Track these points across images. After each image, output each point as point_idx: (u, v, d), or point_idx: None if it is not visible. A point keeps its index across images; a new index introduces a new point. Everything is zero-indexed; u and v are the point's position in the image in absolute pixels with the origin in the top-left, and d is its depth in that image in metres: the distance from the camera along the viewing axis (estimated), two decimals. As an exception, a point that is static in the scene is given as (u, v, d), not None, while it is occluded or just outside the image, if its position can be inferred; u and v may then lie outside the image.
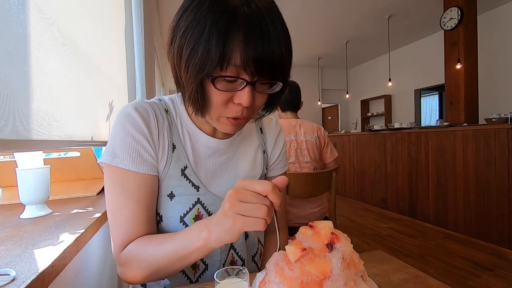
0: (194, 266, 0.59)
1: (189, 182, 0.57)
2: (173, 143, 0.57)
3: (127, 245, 0.52)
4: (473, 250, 2.51)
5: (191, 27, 0.43)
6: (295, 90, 1.86)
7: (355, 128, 7.30)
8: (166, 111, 0.59)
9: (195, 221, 0.55)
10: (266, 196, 0.40)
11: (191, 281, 0.59)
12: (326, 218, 1.94)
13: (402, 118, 6.21)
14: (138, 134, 0.52)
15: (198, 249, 0.45)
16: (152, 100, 0.60)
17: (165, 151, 0.56)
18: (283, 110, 1.91)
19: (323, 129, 1.90)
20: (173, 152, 0.57)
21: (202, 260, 0.59)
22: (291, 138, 1.82)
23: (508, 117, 2.78)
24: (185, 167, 0.57)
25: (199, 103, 0.47)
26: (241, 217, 0.39)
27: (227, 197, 0.40)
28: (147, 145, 0.53)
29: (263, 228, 0.39)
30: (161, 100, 0.61)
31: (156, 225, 0.57)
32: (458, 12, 3.64)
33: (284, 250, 0.40)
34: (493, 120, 2.90)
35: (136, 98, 1.66)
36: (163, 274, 0.50)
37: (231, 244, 0.61)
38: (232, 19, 0.41)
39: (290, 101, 1.86)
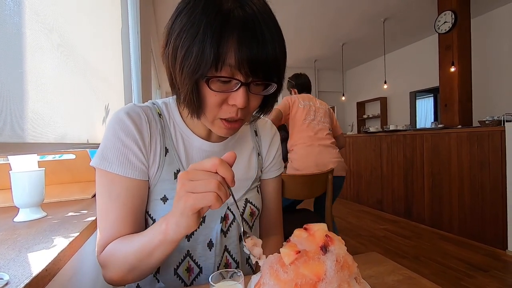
0: (189, 269, 0.58)
1: None
2: (165, 147, 0.57)
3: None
4: (467, 251, 2.53)
5: (185, 29, 0.44)
6: (307, 77, 2.34)
7: (351, 130, 7.34)
8: (159, 114, 0.59)
9: None
10: (216, 173, 0.39)
11: (186, 284, 0.59)
12: (322, 221, 1.95)
13: (397, 120, 6.25)
14: (128, 139, 0.53)
15: (161, 243, 0.45)
16: (145, 104, 0.60)
17: (157, 155, 0.56)
18: (300, 92, 2.29)
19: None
20: (165, 156, 0.57)
21: (196, 263, 0.59)
22: (310, 104, 2.15)
23: (501, 119, 2.81)
24: (178, 171, 0.57)
25: (194, 104, 0.47)
26: (191, 194, 0.39)
27: (178, 178, 0.40)
28: (137, 151, 0.53)
29: (216, 202, 0.38)
30: (154, 104, 0.61)
31: (143, 228, 0.57)
32: (452, 16, 3.68)
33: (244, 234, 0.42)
34: (486, 122, 2.94)
35: (132, 100, 1.66)
36: (138, 272, 0.49)
37: (225, 246, 0.61)
38: (226, 21, 0.42)
39: (307, 85, 2.31)
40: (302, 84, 2.30)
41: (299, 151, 2.06)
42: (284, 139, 2.20)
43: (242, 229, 0.45)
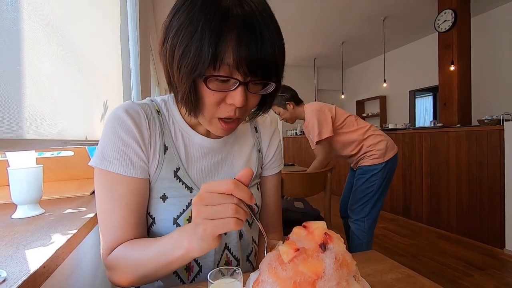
0: (188, 268, 0.58)
1: (182, 184, 0.57)
2: (165, 145, 0.57)
3: (115, 248, 0.52)
4: (465, 250, 2.54)
5: (183, 27, 0.43)
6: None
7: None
8: (158, 112, 0.59)
9: (189, 223, 0.55)
10: (232, 195, 0.38)
11: (184, 283, 0.58)
12: (321, 218, 1.96)
13: (396, 119, 6.26)
14: (128, 138, 0.52)
15: (180, 258, 0.45)
16: (143, 101, 0.59)
17: (156, 153, 0.56)
18: (298, 104, 2.05)
19: None
20: (165, 153, 0.56)
21: (196, 261, 0.59)
22: (330, 106, 1.99)
23: (500, 119, 2.82)
24: (178, 169, 0.57)
25: (192, 103, 0.47)
26: (210, 221, 0.38)
27: (193, 204, 0.40)
28: (137, 149, 0.53)
29: (236, 227, 0.38)
30: (153, 101, 0.60)
31: (146, 228, 0.57)
32: (452, 15, 3.68)
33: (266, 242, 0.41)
34: (485, 121, 2.94)
35: (131, 97, 1.65)
36: (151, 279, 0.50)
37: (226, 244, 0.61)
38: (225, 19, 0.41)
39: (297, 96, 2.06)
40: (296, 95, 2.07)
41: (378, 132, 1.98)
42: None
43: (266, 244, 0.44)
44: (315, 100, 7.24)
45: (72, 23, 0.84)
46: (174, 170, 0.57)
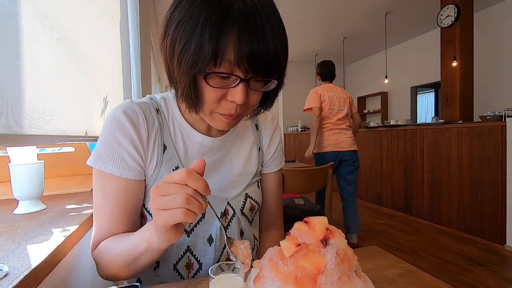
0: (188, 265, 0.58)
1: None
2: (163, 144, 0.57)
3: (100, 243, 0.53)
4: (466, 246, 2.55)
5: (184, 21, 0.42)
6: (332, 64, 2.70)
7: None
8: (157, 110, 0.58)
9: None
10: (186, 185, 0.37)
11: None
12: (321, 214, 1.96)
13: (398, 115, 6.23)
14: (124, 139, 0.52)
15: (146, 251, 0.44)
16: (142, 100, 0.59)
17: (155, 152, 0.55)
18: (323, 80, 2.69)
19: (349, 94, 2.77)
20: (163, 153, 0.56)
21: (196, 258, 0.58)
22: (332, 94, 2.59)
23: (502, 115, 2.80)
24: (177, 168, 0.57)
25: (192, 99, 0.46)
26: (161, 211, 0.37)
27: (150, 194, 0.39)
28: (133, 151, 0.53)
29: (187, 218, 0.36)
30: (152, 99, 0.60)
31: (138, 226, 0.57)
32: (454, 10, 3.64)
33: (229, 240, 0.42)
34: (487, 117, 2.92)
35: (131, 93, 1.65)
36: (130, 272, 0.50)
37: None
38: (226, 14, 0.40)
39: (329, 74, 2.68)
40: (324, 74, 2.67)
41: (324, 134, 2.61)
42: None
43: (226, 238, 0.44)
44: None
45: (71, 18, 0.83)
46: (173, 169, 0.56)
